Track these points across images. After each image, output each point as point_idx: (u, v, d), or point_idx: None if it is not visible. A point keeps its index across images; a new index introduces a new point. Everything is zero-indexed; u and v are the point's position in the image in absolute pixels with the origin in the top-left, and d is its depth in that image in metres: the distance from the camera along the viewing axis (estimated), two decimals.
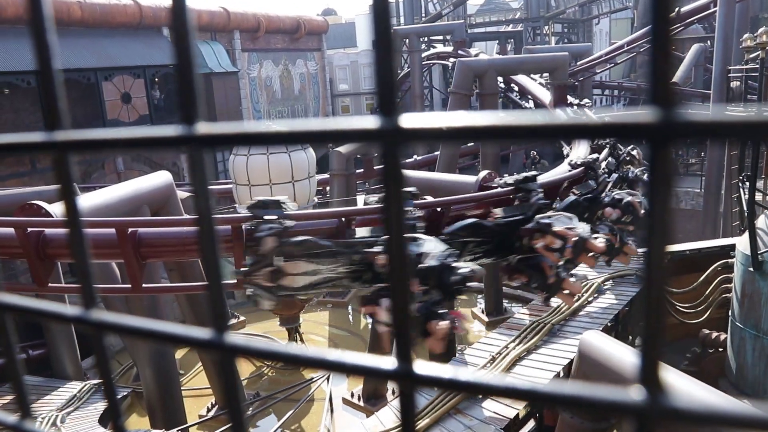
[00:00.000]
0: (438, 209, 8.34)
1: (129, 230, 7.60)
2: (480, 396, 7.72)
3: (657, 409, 0.49)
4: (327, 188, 20.78)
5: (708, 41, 31.20)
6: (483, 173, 10.57)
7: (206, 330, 0.67)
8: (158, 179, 11.37)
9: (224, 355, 0.66)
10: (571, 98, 21.43)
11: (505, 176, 9.46)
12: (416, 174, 14.53)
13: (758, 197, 10.18)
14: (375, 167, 22.46)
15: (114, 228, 7.58)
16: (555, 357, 9.18)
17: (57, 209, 8.25)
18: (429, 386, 0.58)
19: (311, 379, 12.73)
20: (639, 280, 11.46)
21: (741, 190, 10.68)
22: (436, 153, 21.24)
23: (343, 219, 7.78)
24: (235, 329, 15.03)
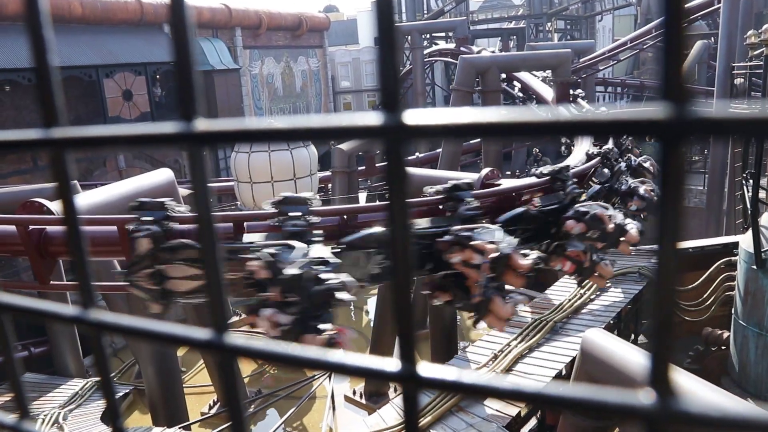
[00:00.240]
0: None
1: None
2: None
3: (668, 413, 0.48)
4: (329, 185, 20.79)
5: (712, 38, 31.13)
6: (485, 170, 10.53)
7: (206, 330, 0.65)
8: (160, 176, 11.39)
9: (224, 356, 0.65)
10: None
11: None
12: (418, 171, 14.52)
13: (762, 195, 10.16)
14: (377, 164, 22.47)
15: (115, 225, 7.58)
16: (557, 355, 9.17)
17: (58, 207, 8.24)
18: (433, 388, 0.56)
19: (313, 377, 12.74)
20: (642, 278, 11.45)
21: (744, 188, 10.65)
22: (438, 150, 21.24)
23: (345, 216, 7.78)
24: (237, 327, 15.03)
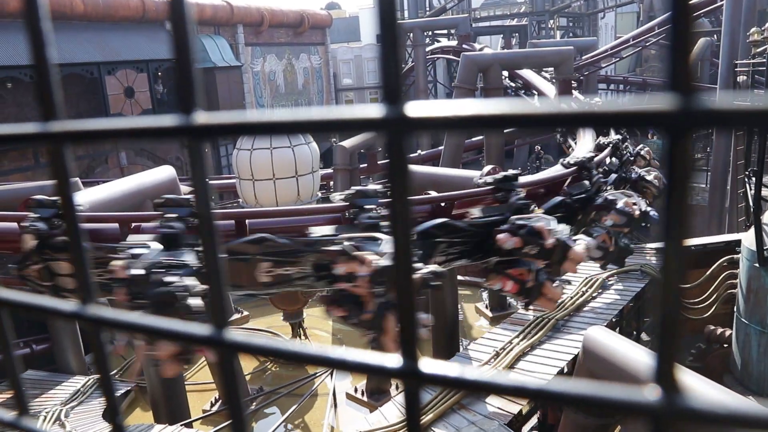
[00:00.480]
0: (442, 204, 8.30)
1: (132, 225, 7.62)
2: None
3: (673, 410, 0.47)
4: (331, 183, 20.78)
5: (714, 35, 31.03)
6: (487, 168, 10.52)
7: (206, 326, 0.65)
8: (161, 174, 11.40)
9: (224, 352, 0.65)
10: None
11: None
12: (420, 169, 14.52)
13: (764, 192, 10.14)
14: (379, 162, 22.46)
15: (117, 222, 7.60)
16: (559, 353, 9.16)
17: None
18: (435, 385, 0.56)
19: (315, 374, 12.74)
20: (644, 276, 11.43)
21: (747, 186, 10.63)
22: (441, 148, 21.22)
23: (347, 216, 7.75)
24: (238, 324, 15.05)
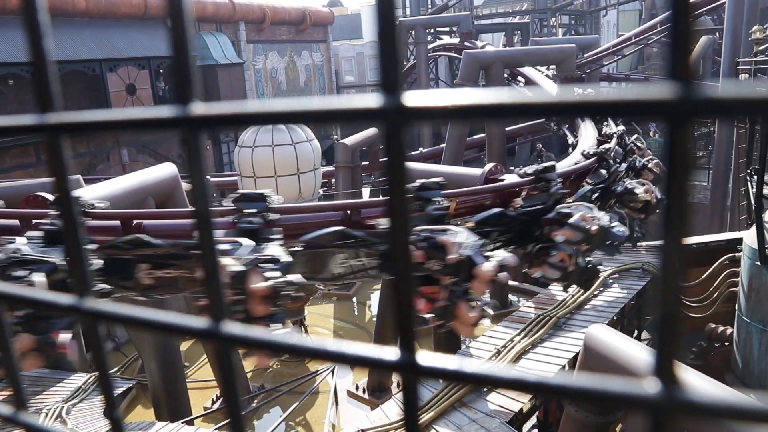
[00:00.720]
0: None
1: (134, 222, 7.63)
2: (485, 389, 7.68)
3: (672, 403, 0.47)
4: (332, 180, 20.78)
5: (717, 33, 30.94)
6: (489, 165, 10.50)
7: (203, 320, 0.65)
8: (163, 171, 11.40)
9: (221, 345, 0.64)
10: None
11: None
12: (422, 166, 14.51)
13: (766, 191, 10.11)
14: (380, 159, 22.45)
15: (119, 219, 7.60)
16: (560, 350, 9.15)
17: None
18: (433, 378, 0.55)
19: (316, 372, 12.75)
20: (645, 274, 11.42)
21: (748, 184, 10.61)
22: (442, 146, 21.21)
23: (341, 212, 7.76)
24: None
